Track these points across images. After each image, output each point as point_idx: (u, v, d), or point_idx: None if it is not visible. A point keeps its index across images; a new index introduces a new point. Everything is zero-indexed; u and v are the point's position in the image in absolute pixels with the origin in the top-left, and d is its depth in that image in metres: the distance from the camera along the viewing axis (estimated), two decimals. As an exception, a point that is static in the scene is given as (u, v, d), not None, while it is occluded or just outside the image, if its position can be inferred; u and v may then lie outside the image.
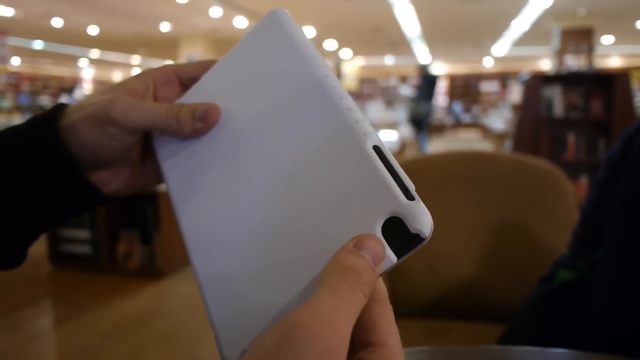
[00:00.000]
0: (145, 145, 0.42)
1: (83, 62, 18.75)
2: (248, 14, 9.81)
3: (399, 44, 14.14)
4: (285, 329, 0.21)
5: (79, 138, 0.37)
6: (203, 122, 0.36)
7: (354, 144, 0.29)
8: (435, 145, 11.06)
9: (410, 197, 0.27)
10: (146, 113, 0.37)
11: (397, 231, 0.26)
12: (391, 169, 0.28)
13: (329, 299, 0.22)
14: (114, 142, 0.37)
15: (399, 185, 0.27)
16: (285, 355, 0.21)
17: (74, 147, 0.37)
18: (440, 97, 16.90)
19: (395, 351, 0.24)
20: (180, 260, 3.32)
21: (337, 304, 0.22)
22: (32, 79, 18.46)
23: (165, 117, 0.36)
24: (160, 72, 0.40)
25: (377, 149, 0.28)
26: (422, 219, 0.26)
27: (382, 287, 0.27)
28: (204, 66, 0.40)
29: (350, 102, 0.31)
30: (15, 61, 16.98)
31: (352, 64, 16.79)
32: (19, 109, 7.67)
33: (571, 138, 4.04)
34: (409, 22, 10.71)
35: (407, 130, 8.66)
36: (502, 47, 14.88)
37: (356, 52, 16.47)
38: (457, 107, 17.75)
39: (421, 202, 0.27)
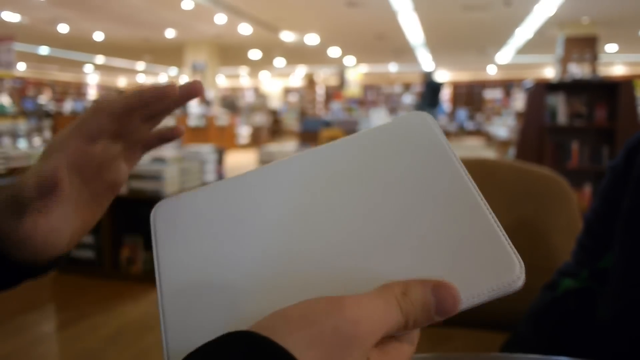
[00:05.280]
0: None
1: (88, 68, 18.85)
2: (252, 20, 9.85)
3: (402, 51, 14.17)
4: (314, 302, 0.23)
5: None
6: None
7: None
8: (439, 153, 11.01)
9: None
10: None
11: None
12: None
13: (372, 299, 0.24)
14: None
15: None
16: (305, 326, 0.22)
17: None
18: (444, 104, 16.86)
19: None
20: (183, 265, 3.31)
21: (373, 306, 0.24)
22: (37, 84, 18.55)
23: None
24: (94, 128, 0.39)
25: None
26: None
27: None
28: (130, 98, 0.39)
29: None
30: (21, 66, 17.08)
31: (356, 71, 16.84)
32: (24, 114, 7.70)
33: (575, 146, 4.04)
34: (413, 30, 10.74)
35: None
36: (506, 55, 14.89)
37: (360, 59, 16.51)
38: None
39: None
